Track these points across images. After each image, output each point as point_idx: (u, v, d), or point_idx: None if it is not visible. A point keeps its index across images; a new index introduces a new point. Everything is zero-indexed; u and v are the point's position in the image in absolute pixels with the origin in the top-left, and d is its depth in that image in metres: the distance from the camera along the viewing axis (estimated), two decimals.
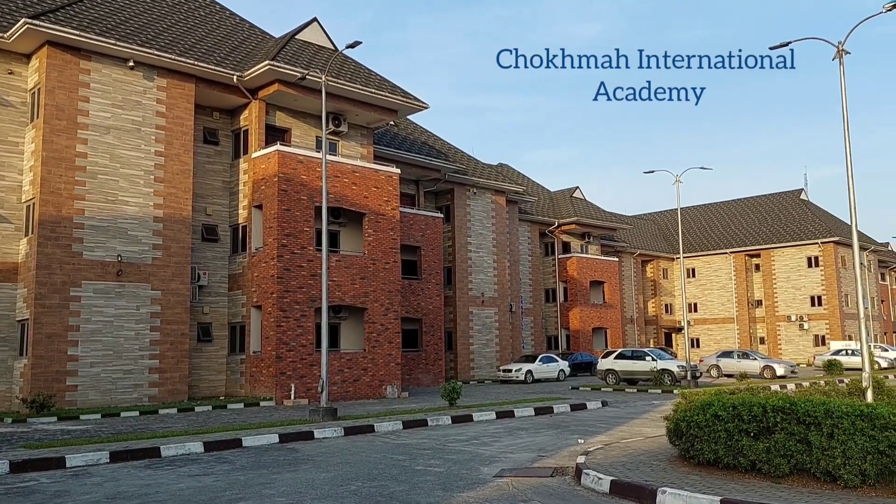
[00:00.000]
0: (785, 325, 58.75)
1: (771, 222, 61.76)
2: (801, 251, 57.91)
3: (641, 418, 17.73)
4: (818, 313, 56.78)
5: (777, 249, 59.19)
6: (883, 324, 66.22)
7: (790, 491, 8.02)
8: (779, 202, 63.79)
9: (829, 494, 7.78)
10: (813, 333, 56.84)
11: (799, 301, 57.95)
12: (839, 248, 56.68)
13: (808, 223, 59.14)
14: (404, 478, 10.01)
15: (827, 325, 56.18)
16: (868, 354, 15.14)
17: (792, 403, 8.61)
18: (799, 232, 58.69)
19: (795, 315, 57.93)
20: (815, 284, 57.10)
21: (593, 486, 9.11)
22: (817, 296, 56.96)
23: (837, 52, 15.93)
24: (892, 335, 68.39)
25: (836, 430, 8.05)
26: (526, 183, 48.90)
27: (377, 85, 26.92)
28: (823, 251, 56.73)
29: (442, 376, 31.94)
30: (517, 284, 42.65)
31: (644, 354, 31.60)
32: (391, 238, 26.66)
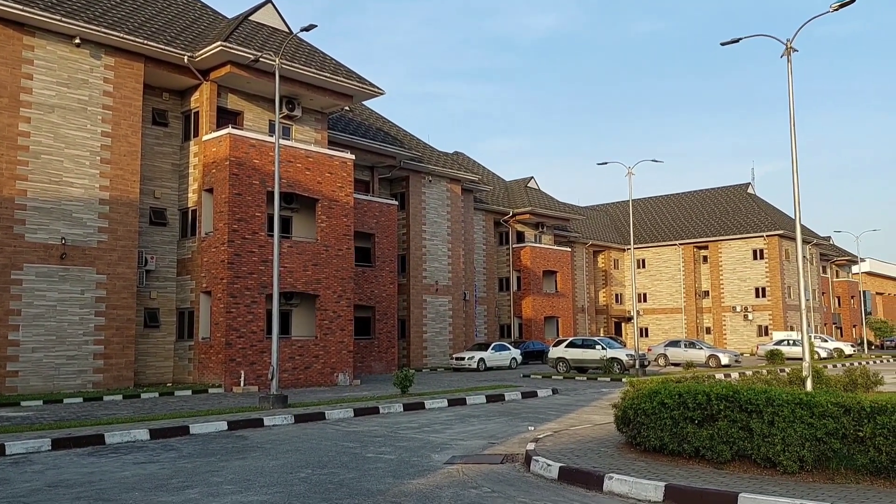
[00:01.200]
0: (730, 316, 60.29)
1: (719, 215, 63.20)
2: (747, 244, 59.44)
3: (591, 406, 18.00)
4: (762, 304, 58.42)
5: (724, 242, 60.64)
6: (823, 315, 68.49)
7: (732, 477, 8.24)
8: (727, 196, 65.30)
9: (769, 480, 8.00)
10: (757, 324, 58.48)
11: (744, 292, 59.52)
12: (783, 242, 58.34)
13: (755, 217, 60.69)
14: (355, 465, 9.97)
15: (770, 316, 57.85)
16: (808, 345, 15.62)
17: (735, 392, 8.83)
18: (745, 225, 60.20)
19: (740, 306, 59.51)
20: (760, 276, 58.70)
21: (542, 472, 9.22)
22: (762, 287, 58.58)
23: (786, 50, 16.31)
24: (831, 326, 70.79)
25: (777, 417, 8.28)
26: (481, 172, 49.03)
27: (332, 69, 26.61)
28: (768, 244, 58.32)
29: (395, 364, 31.93)
30: (471, 273, 42.82)
31: (594, 343, 32.08)
32: (345, 224, 26.46)
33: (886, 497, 7.10)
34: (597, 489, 8.29)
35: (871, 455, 7.72)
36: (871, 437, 7.68)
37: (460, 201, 40.05)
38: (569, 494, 8.13)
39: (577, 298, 57.57)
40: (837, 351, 45.51)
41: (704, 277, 62.91)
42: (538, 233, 50.83)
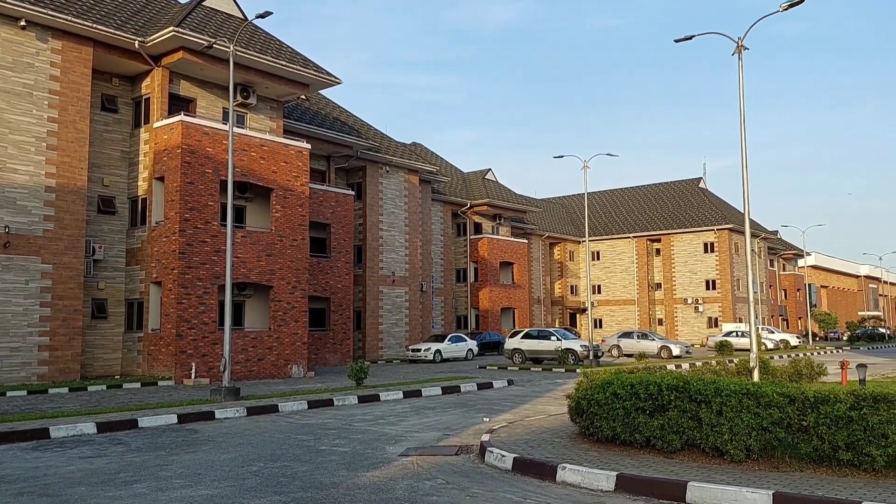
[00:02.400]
0: (682, 308, 61.49)
1: (671, 209, 64.32)
2: (699, 237, 60.65)
3: (545, 396, 18.16)
4: (712, 296, 59.70)
5: (676, 235, 61.77)
6: (770, 307, 70.32)
7: (681, 466, 8.39)
8: (679, 190, 66.48)
9: (717, 469, 8.17)
10: (707, 315, 59.77)
11: (695, 285, 60.75)
12: (733, 235, 59.67)
13: (706, 211, 61.92)
14: (308, 458, 9.88)
15: (720, 308, 59.17)
16: (756, 336, 16.01)
17: (685, 382, 8.98)
18: (697, 219, 61.39)
19: (691, 298, 60.74)
20: (711, 269, 59.97)
21: (496, 463, 9.26)
22: (712, 280, 59.85)
23: (737, 48, 16.61)
24: (778, 318, 72.74)
25: (725, 407, 8.45)
26: (439, 163, 48.99)
27: (288, 57, 26.22)
28: (719, 238, 59.59)
29: (350, 356, 31.76)
30: (429, 264, 42.81)
31: (549, 334, 32.37)
32: (300, 214, 26.16)
33: (828, 484, 7.31)
34: (550, 479, 8.36)
35: (814, 444, 7.93)
36: (815, 426, 7.89)
37: (418, 192, 39.96)
38: (522, 485, 8.18)
39: (534, 290, 58.05)
40: (784, 342, 46.82)
41: (657, 270, 64.01)
42: (496, 224, 51.04)
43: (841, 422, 7.72)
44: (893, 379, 20.13)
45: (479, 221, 50.02)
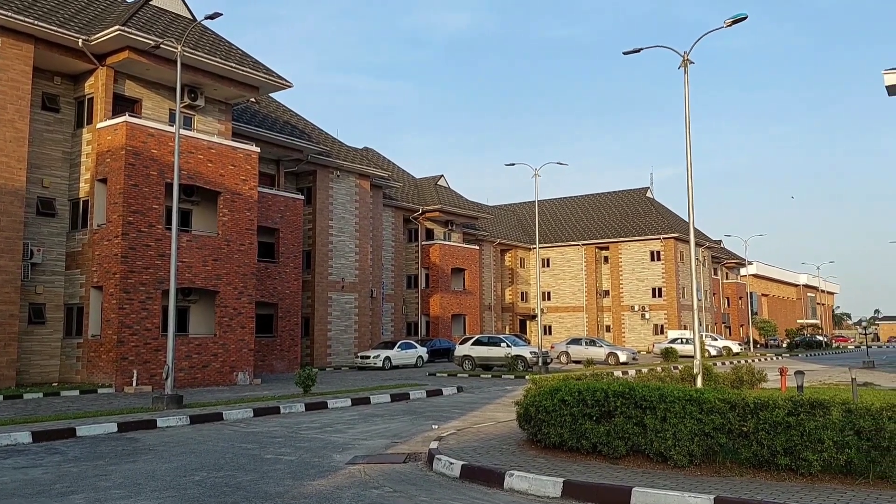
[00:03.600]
0: (629, 315, 62.52)
1: (619, 218, 65.42)
2: (645, 245, 61.81)
3: (494, 403, 18.21)
4: (658, 304, 60.86)
5: (624, 243, 62.83)
6: (714, 315, 72.03)
7: (626, 471, 8.49)
8: (627, 199, 67.68)
9: (661, 474, 8.30)
10: (653, 323, 60.88)
11: (642, 292, 61.85)
12: (679, 244, 60.98)
13: (652, 220, 63.16)
14: (253, 467, 9.69)
15: (666, 315, 60.34)
16: (700, 343, 16.35)
17: (631, 389, 9.10)
18: (644, 227, 62.56)
19: (638, 305, 61.81)
20: (657, 277, 61.15)
21: (445, 471, 9.22)
22: (658, 287, 61.02)
23: (683, 61, 17.00)
24: (721, 325, 74.53)
25: (669, 413, 8.59)
26: (391, 168, 48.86)
27: (238, 59, 25.84)
28: (665, 246, 60.82)
29: (297, 363, 31.35)
30: (379, 270, 42.60)
31: (499, 341, 32.51)
32: (248, 219, 25.75)
33: (767, 488, 7.48)
34: (498, 486, 8.37)
35: (753, 449, 8.12)
36: (755, 431, 8.08)
37: (369, 197, 39.76)
38: (470, 492, 8.16)
39: (485, 296, 58.28)
40: (726, 349, 47.98)
41: (605, 277, 64.97)
42: (447, 230, 51.13)
43: (779, 427, 7.92)
44: (830, 386, 20.79)
45: (431, 227, 50.04)
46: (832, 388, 18.99)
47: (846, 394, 14.74)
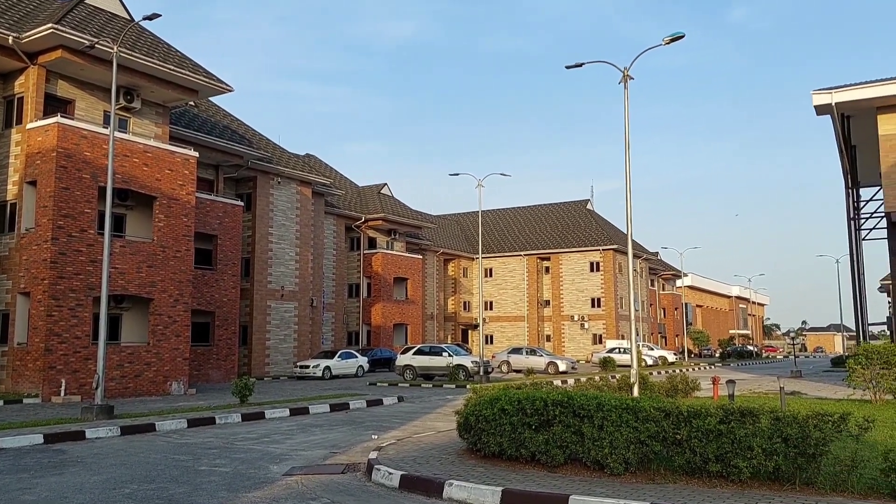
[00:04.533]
0: (569, 324, 63.38)
1: (561, 229, 66.38)
2: (585, 256, 62.83)
3: (435, 413, 18.18)
4: (597, 314, 61.89)
5: (565, 254, 63.75)
6: (651, 325, 73.63)
7: (564, 479, 8.57)
8: (568, 211, 68.75)
9: (597, 482, 8.40)
10: (592, 332, 61.86)
11: (581, 302, 62.81)
12: (618, 256, 62.20)
13: (593, 231, 64.29)
14: (186, 479, 9.43)
15: (604, 325, 61.39)
16: (637, 353, 16.68)
17: (569, 398, 9.21)
18: (584, 239, 63.61)
19: (578, 315, 62.73)
20: (596, 287, 62.20)
21: (384, 481, 9.15)
22: (597, 298, 62.07)
23: (623, 77, 17.39)
24: (657, 336, 76.23)
25: (606, 422, 8.71)
26: (334, 176, 48.48)
27: (177, 62, 25.27)
28: (604, 257, 61.94)
29: (234, 372, 30.71)
30: (320, 278, 42.15)
31: (441, 350, 32.51)
32: (184, 224, 25.16)
33: (699, 495, 7.65)
34: (437, 496, 8.34)
35: (687, 456, 8.29)
36: (688, 439, 8.26)
37: (310, 204, 39.34)
38: (409, 503, 8.12)
39: (427, 306, 58.24)
40: (662, 359, 49.06)
41: (546, 287, 65.76)
42: (390, 239, 50.96)
43: (711, 435, 8.11)
44: (760, 394, 21.46)
45: (374, 236, 49.80)
46: (762, 397, 19.62)
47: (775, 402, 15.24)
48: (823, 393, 22.59)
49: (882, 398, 17.79)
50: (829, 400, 19.21)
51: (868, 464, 8.12)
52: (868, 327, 30.96)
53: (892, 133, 26.54)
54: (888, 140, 26.56)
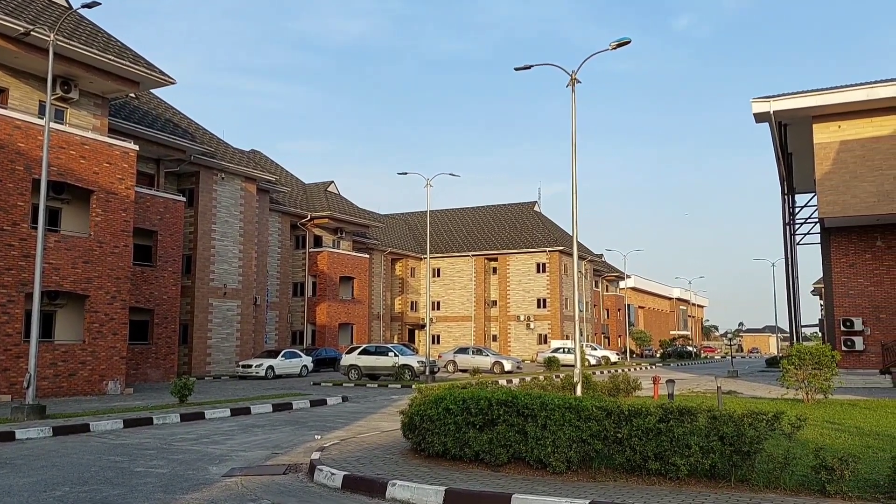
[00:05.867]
0: (515, 325, 63.90)
1: (508, 230, 66.88)
2: (532, 257, 63.45)
3: (380, 413, 18.09)
4: (543, 314, 62.56)
5: (512, 255, 64.26)
6: (594, 325, 74.80)
7: (507, 478, 8.60)
8: (516, 212, 69.31)
9: (540, 480, 8.46)
10: (538, 332, 62.50)
11: (528, 303, 63.40)
12: (563, 257, 62.99)
13: (539, 233, 64.95)
14: (121, 480, 9.16)
15: (549, 326, 62.10)
16: (580, 353, 16.89)
17: (514, 397, 9.25)
18: (531, 240, 64.23)
19: (524, 315, 63.29)
20: (542, 288, 62.87)
21: (326, 481, 9.04)
22: (543, 298, 62.74)
23: (571, 80, 17.59)
24: (601, 336, 77.49)
25: (549, 421, 8.78)
26: (279, 172, 47.83)
27: (117, 52, 24.55)
28: (550, 259, 62.65)
29: (174, 372, 30.02)
30: (264, 277, 41.52)
31: (387, 350, 32.37)
32: (123, 220, 24.46)
33: (638, 493, 7.77)
34: (380, 496, 8.28)
35: (627, 454, 8.42)
36: (629, 437, 8.38)
37: (255, 201, 38.72)
38: (352, 503, 8.04)
39: (374, 305, 57.96)
40: (605, 359, 49.88)
41: (493, 288, 66.17)
42: (337, 238, 50.52)
43: (651, 433, 8.26)
44: (698, 394, 21.98)
45: (320, 234, 49.30)
46: (700, 396, 20.10)
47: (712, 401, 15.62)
48: (758, 392, 23.28)
49: (813, 398, 18.41)
50: (764, 399, 19.80)
51: (800, 461, 8.37)
52: (801, 329, 32.04)
53: (826, 141, 27.55)
54: (822, 148, 27.56)
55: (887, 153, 26.46)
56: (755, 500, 7.39)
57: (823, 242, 29.59)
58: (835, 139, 27.28)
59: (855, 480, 7.64)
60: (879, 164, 26.48)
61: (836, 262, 29.10)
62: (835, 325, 28.74)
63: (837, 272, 29.04)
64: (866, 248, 28.80)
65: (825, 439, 11.35)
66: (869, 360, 28.12)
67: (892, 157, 26.38)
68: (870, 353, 28.18)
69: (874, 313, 28.37)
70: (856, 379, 26.82)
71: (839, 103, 26.73)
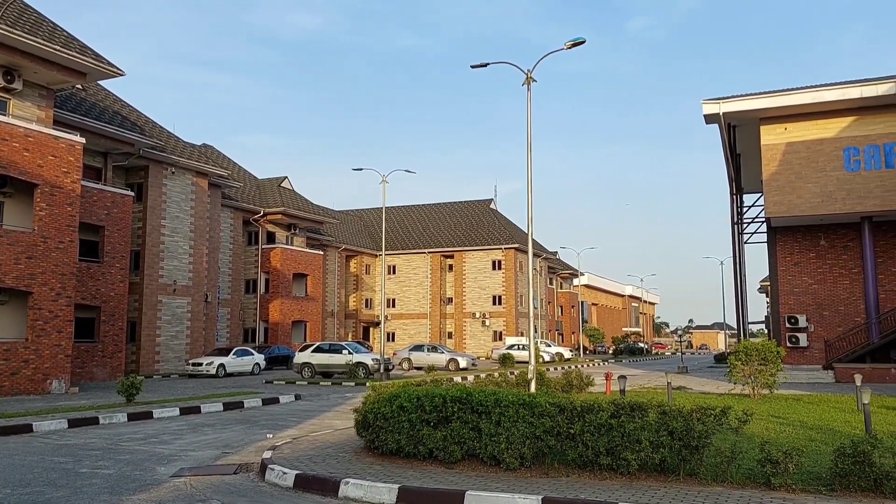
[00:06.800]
0: (470, 322, 64.10)
1: (465, 227, 67.02)
2: (488, 255, 63.70)
3: (333, 411, 17.95)
4: (498, 311, 62.89)
5: (468, 252, 64.43)
6: (549, 322, 75.50)
7: (461, 475, 8.60)
8: (472, 210, 69.49)
9: (493, 477, 8.48)
10: (493, 329, 62.81)
11: (483, 300, 63.65)
12: (518, 254, 63.41)
13: (495, 230, 65.25)
14: (65, 482, 8.89)
15: (504, 323, 62.46)
16: (535, 350, 17.01)
17: (468, 394, 9.25)
18: (487, 238, 64.48)
19: (479, 312, 63.54)
20: (498, 285, 63.18)
21: (278, 481, 8.93)
22: (498, 296, 63.07)
23: (526, 79, 17.68)
24: (555, 332, 78.26)
25: (503, 417, 8.81)
26: (232, 167, 47.06)
27: (63, 42, 23.82)
28: (505, 256, 63.00)
29: (121, 370, 29.30)
30: (215, 273, 40.82)
31: (341, 348, 32.15)
32: (69, 214, 23.76)
33: (590, 488, 7.85)
34: (332, 495, 8.20)
35: (579, 450, 8.50)
36: (581, 433, 8.46)
37: (206, 196, 38.02)
38: (303, 502, 7.94)
39: (328, 303, 57.50)
40: (559, 355, 50.43)
41: (449, 285, 66.25)
42: (290, 234, 49.95)
43: (603, 429, 8.35)
44: (649, 389, 22.35)
45: (273, 230, 48.67)
46: (650, 392, 20.44)
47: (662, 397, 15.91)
48: (707, 388, 23.77)
49: (759, 393, 18.88)
50: (712, 394, 20.22)
51: (746, 455, 8.56)
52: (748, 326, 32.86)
53: (773, 143, 28.27)
54: (769, 149, 28.28)
55: (830, 155, 27.30)
56: (703, 493, 7.53)
57: (770, 241, 30.38)
58: (781, 141, 28.03)
59: (799, 473, 7.84)
60: (823, 166, 27.30)
61: (782, 260, 29.92)
62: (780, 322, 29.54)
63: (783, 270, 29.86)
64: (810, 247, 29.67)
65: (770, 433, 11.64)
66: (813, 356, 28.99)
67: (836, 158, 27.23)
68: (813, 350, 29.04)
69: (818, 311, 29.24)
70: (800, 374, 27.63)
71: (786, 106, 27.49)
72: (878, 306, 27.78)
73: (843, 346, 28.18)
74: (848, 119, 27.22)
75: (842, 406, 16.60)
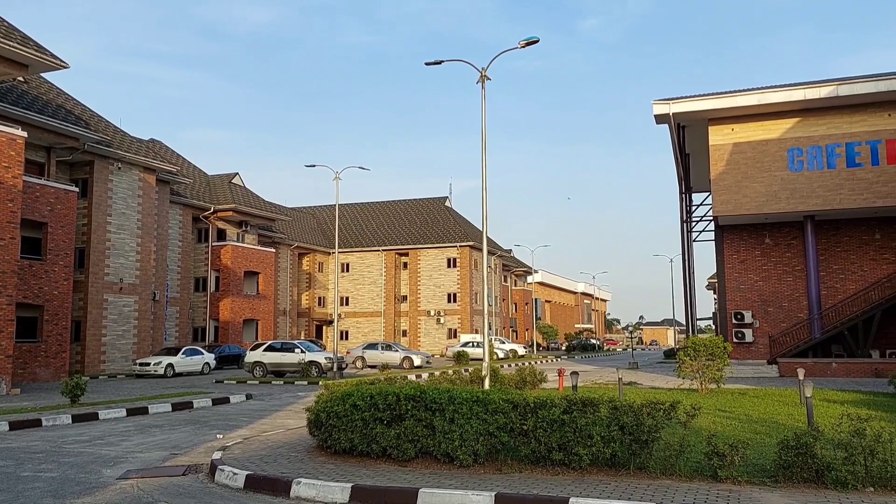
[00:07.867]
0: (425, 319, 64.07)
1: (419, 225, 66.92)
2: (443, 252, 63.74)
3: (285, 410, 17.75)
4: (453, 309, 62.99)
5: (423, 250, 64.35)
6: (503, 319, 75.95)
7: (414, 473, 8.59)
8: (427, 207, 69.44)
9: (447, 474, 8.48)
10: (448, 327, 62.89)
11: (438, 297, 63.67)
12: (473, 252, 63.60)
13: (450, 228, 65.32)
14: (6, 486, 8.62)
15: (459, 320, 62.60)
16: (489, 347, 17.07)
17: (422, 392, 9.23)
18: (442, 235, 64.51)
19: (434, 310, 63.56)
20: (453, 283, 63.29)
21: (228, 482, 8.78)
22: (453, 293, 63.18)
23: (480, 77, 17.73)
24: (509, 330, 78.78)
25: (457, 415, 8.81)
26: (181, 163, 46.11)
27: (4, 33, 22.99)
28: (460, 254, 63.14)
29: (65, 371, 28.48)
30: (163, 271, 39.99)
31: (293, 347, 31.82)
32: (10, 211, 22.98)
33: (543, 483, 7.92)
34: (284, 495, 8.11)
35: (532, 446, 8.56)
36: (534, 429, 8.53)
37: (154, 193, 37.19)
38: (255, 503, 7.82)
39: (280, 301, 56.84)
40: (512, 352, 50.76)
41: (404, 283, 66.08)
42: (241, 231, 49.20)
43: (555, 425, 8.42)
44: (601, 385, 22.67)
45: (224, 228, 47.87)
46: (602, 388, 20.73)
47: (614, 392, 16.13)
48: (657, 383, 24.23)
49: (707, 387, 19.30)
50: (662, 389, 20.61)
51: (694, 448, 8.73)
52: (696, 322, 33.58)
53: (720, 143, 28.93)
54: (717, 150, 28.93)
55: (775, 155, 28.06)
56: (653, 486, 7.66)
57: (717, 239, 31.10)
58: (728, 141, 28.69)
59: (744, 465, 8.04)
60: (768, 166, 28.04)
61: (729, 258, 30.66)
62: (727, 318, 30.27)
63: (730, 268, 30.60)
64: (756, 245, 30.47)
65: (717, 427, 11.90)
66: (758, 351, 29.78)
67: (780, 159, 28.00)
68: (759, 345, 29.84)
69: (763, 307, 30.04)
70: (746, 369, 28.35)
71: (733, 107, 28.15)
72: (819, 302, 28.68)
73: (787, 342, 29.02)
74: (792, 120, 28.01)
75: (785, 400, 17.09)
